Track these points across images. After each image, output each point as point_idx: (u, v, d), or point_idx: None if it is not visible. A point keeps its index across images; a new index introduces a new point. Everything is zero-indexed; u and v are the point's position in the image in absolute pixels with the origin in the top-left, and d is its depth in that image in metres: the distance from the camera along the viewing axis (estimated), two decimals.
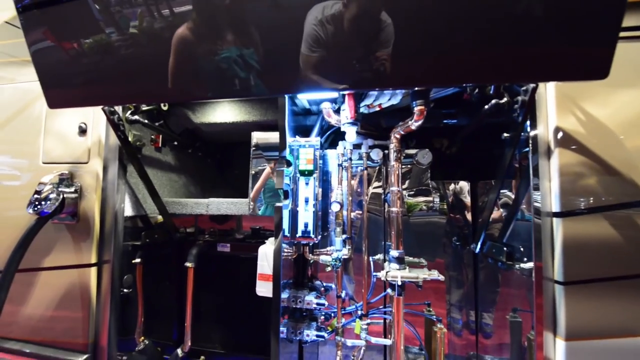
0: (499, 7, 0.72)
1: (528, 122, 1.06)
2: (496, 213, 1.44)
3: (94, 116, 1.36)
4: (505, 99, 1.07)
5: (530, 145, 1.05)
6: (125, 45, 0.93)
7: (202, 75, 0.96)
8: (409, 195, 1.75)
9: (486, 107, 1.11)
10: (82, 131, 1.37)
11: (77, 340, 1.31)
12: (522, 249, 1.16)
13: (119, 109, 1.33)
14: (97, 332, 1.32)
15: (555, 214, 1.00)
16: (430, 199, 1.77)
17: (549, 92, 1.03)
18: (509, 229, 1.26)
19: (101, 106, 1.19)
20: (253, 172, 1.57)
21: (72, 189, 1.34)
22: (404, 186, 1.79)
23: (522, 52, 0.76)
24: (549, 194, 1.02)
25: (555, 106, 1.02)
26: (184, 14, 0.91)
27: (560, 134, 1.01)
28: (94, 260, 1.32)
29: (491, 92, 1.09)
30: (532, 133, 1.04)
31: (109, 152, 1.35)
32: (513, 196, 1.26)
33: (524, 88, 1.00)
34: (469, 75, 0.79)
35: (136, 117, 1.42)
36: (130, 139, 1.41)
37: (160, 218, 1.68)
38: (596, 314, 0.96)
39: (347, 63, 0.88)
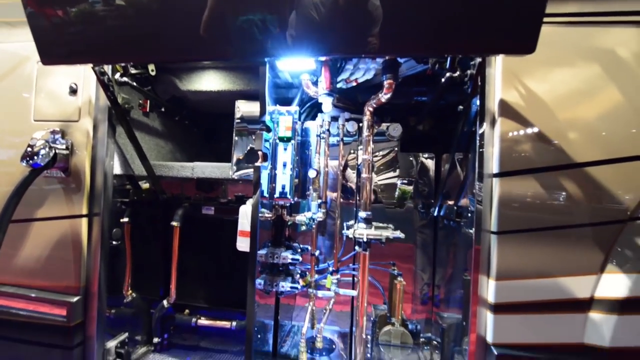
0: None
1: (478, 95, 1.21)
2: (456, 180, 1.61)
3: (85, 77, 1.44)
4: (457, 73, 1.21)
5: (479, 115, 1.20)
6: (116, 4, 1.01)
7: (188, 35, 1.06)
8: (401, 183, 1.91)
9: (442, 80, 1.25)
10: (73, 91, 1.45)
11: (70, 283, 1.42)
12: (469, 208, 1.33)
13: (108, 70, 1.41)
14: (88, 277, 1.44)
15: (495, 175, 1.16)
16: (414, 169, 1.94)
17: (497, 69, 1.18)
18: (462, 193, 1.43)
19: (92, 65, 1.27)
20: (236, 139, 1.68)
21: (64, 145, 1.43)
22: (395, 174, 1.95)
23: (462, 28, 0.89)
24: (491, 157, 1.18)
25: (501, 81, 1.17)
26: None
27: (504, 106, 1.16)
28: (84, 211, 1.42)
29: (447, 67, 1.22)
30: (480, 104, 1.19)
31: (99, 112, 1.44)
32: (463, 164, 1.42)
33: (472, 62, 1.14)
34: (419, 47, 0.93)
35: (125, 79, 1.50)
36: (119, 100, 1.49)
37: (147, 185, 1.79)
38: (521, 259, 1.14)
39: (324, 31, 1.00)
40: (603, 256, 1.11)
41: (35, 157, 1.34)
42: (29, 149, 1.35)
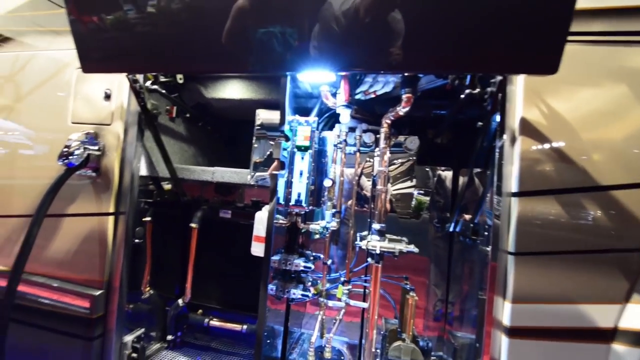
0: (463, 7, 0.86)
1: (499, 112, 1.19)
2: (474, 196, 1.58)
3: (118, 84, 1.54)
4: (477, 90, 1.20)
5: (499, 132, 1.18)
6: (153, 17, 1.09)
7: (216, 49, 1.12)
8: (418, 194, 1.91)
9: (462, 96, 1.24)
10: (107, 96, 1.55)
11: (94, 277, 1.50)
12: (486, 227, 1.31)
13: (140, 78, 1.50)
14: (111, 272, 1.52)
15: (514, 194, 1.14)
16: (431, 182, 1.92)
17: (518, 87, 1.16)
18: (480, 209, 1.40)
19: (126, 74, 1.36)
20: (256, 146, 1.74)
21: (96, 147, 1.52)
22: (412, 184, 1.94)
23: (484, 46, 0.90)
24: (511, 176, 1.16)
25: (522, 99, 1.15)
26: None
27: (525, 124, 1.14)
28: (112, 210, 1.51)
29: (467, 83, 1.22)
30: (500, 122, 1.17)
31: (129, 117, 1.53)
32: (482, 180, 1.40)
33: (493, 80, 1.13)
34: (439, 65, 0.94)
35: (155, 86, 1.59)
36: (148, 106, 1.58)
37: (168, 187, 1.87)
38: (540, 282, 1.11)
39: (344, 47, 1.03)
40: (628, 285, 1.06)
41: (71, 157, 1.44)
42: (65, 149, 1.45)
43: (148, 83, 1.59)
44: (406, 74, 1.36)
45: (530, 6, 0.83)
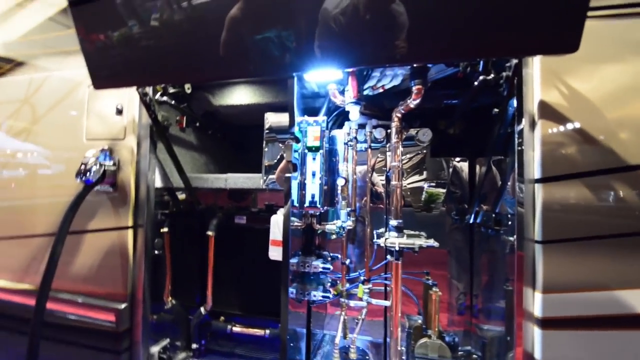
0: None
1: (516, 96, 1.15)
2: (493, 185, 1.53)
3: (129, 98, 1.56)
4: (491, 76, 1.17)
5: (517, 117, 1.14)
6: (157, 31, 1.09)
7: (221, 56, 1.12)
8: (428, 186, 1.87)
9: (475, 83, 1.20)
10: (119, 111, 1.57)
11: (118, 291, 1.53)
12: (509, 216, 1.26)
13: (150, 91, 1.52)
14: (134, 285, 1.54)
15: (537, 180, 1.10)
16: (445, 190, 1.88)
17: (535, 68, 1.12)
18: (500, 198, 1.36)
19: (136, 87, 1.37)
20: (266, 150, 1.73)
21: (112, 162, 1.55)
22: (421, 177, 1.90)
23: (499, 29, 0.86)
24: (532, 162, 1.12)
25: (540, 81, 1.11)
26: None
27: (544, 107, 1.10)
28: (130, 223, 1.53)
29: (480, 69, 1.18)
30: (518, 106, 1.13)
31: (142, 130, 1.55)
32: (503, 168, 1.36)
33: (508, 64, 1.09)
34: (450, 53, 0.91)
35: (164, 98, 1.61)
36: (159, 118, 1.60)
37: (183, 196, 1.89)
38: (571, 269, 1.06)
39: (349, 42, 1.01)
40: None
41: (88, 174, 1.47)
42: (82, 166, 1.48)
43: (157, 95, 1.60)
44: (415, 65, 1.34)
45: None
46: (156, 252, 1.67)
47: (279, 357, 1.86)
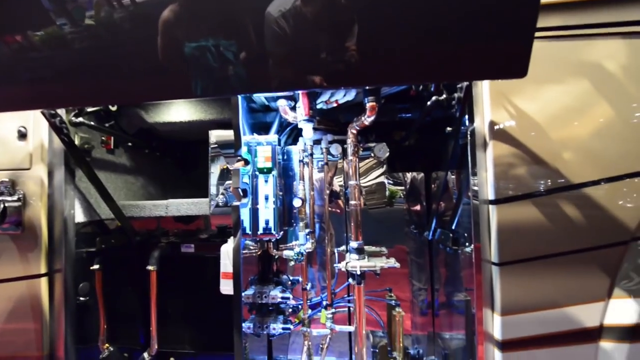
0: (423, 11, 0.76)
1: (467, 117, 1.13)
2: (448, 202, 1.53)
3: (34, 119, 1.29)
4: (444, 96, 1.14)
5: (469, 138, 1.13)
6: (58, 41, 0.88)
7: (146, 75, 0.94)
8: (389, 183, 1.82)
9: (428, 103, 1.17)
10: (22, 135, 1.29)
11: (30, 353, 1.26)
12: (465, 235, 1.25)
13: (61, 111, 1.27)
14: (52, 343, 1.28)
15: (491, 202, 1.09)
16: (402, 188, 1.85)
17: (484, 89, 1.11)
18: (456, 216, 1.35)
19: (40, 110, 1.12)
20: (212, 171, 1.56)
21: (15, 197, 1.27)
22: (382, 171, 1.85)
23: (448, 55, 0.81)
24: (485, 183, 1.10)
25: (489, 102, 1.10)
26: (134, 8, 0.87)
27: (494, 127, 1.09)
28: (43, 270, 1.27)
29: (432, 89, 1.15)
30: (469, 127, 1.11)
31: (53, 157, 1.28)
32: (458, 185, 1.35)
33: (459, 85, 1.07)
34: (400, 77, 0.84)
35: (80, 119, 1.35)
36: (76, 142, 1.35)
37: (118, 222, 1.63)
38: (527, 290, 1.07)
39: (297, 64, 0.90)
40: (609, 281, 1.05)
41: None
42: None
43: (71, 116, 1.35)
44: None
45: (494, 11, 0.76)
46: (82, 298, 1.41)
47: None
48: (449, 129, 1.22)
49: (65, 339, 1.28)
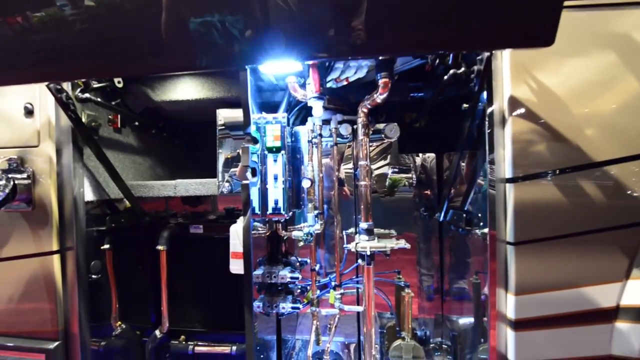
0: None
1: (485, 92, 1.09)
2: (460, 182, 1.50)
3: (41, 95, 1.26)
4: (462, 69, 1.09)
5: (487, 115, 1.08)
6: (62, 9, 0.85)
7: (153, 45, 0.90)
8: (392, 172, 1.80)
9: (445, 77, 1.12)
10: (29, 112, 1.27)
11: (46, 328, 1.28)
12: (479, 215, 1.23)
13: (67, 86, 1.24)
14: (67, 319, 1.30)
15: (508, 180, 1.06)
16: (410, 175, 1.82)
17: (504, 62, 1.05)
18: (469, 197, 1.33)
19: (46, 83, 1.10)
20: (221, 151, 1.54)
21: (24, 175, 1.26)
22: (385, 162, 1.82)
23: (472, 21, 0.76)
24: (503, 161, 1.07)
25: (510, 76, 1.05)
26: None
27: (513, 103, 1.05)
28: (55, 247, 1.27)
29: (450, 62, 1.10)
30: (488, 102, 1.07)
31: (61, 134, 1.27)
32: (472, 165, 1.32)
33: (479, 57, 1.02)
34: (420, 45, 0.79)
35: (87, 95, 1.33)
36: (83, 119, 1.33)
37: (127, 203, 1.63)
38: (542, 269, 1.05)
39: (308, 32, 0.86)
40: (628, 261, 1.03)
41: None
42: None
43: (77, 91, 1.32)
44: (381, 58, 1.22)
45: None
46: (94, 276, 1.43)
47: None
48: (465, 105, 1.17)
49: (79, 315, 1.30)
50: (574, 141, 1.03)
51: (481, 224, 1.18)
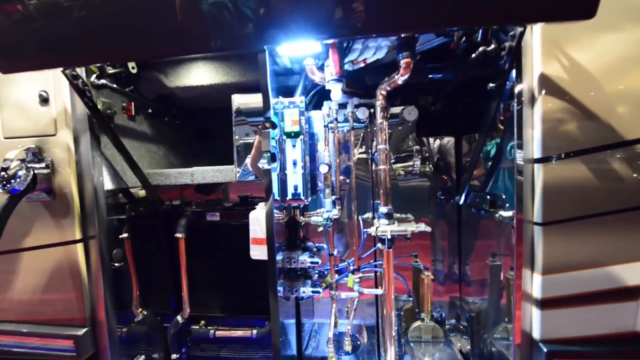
0: None
1: (514, 71, 1.06)
2: (479, 165, 1.49)
3: (55, 82, 1.24)
4: (492, 46, 1.05)
5: (516, 93, 1.06)
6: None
7: (171, 25, 0.88)
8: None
9: (473, 55, 1.09)
10: (44, 100, 1.25)
11: (73, 315, 1.30)
12: (504, 197, 1.22)
13: (82, 72, 1.21)
14: (93, 306, 1.32)
15: (537, 160, 1.04)
16: (409, 163, 1.80)
17: (534, 38, 1.02)
18: (491, 178, 1.31)
19: (61, 69, 1.07)
20: (237, 138, 1.52)
21: (43, 164, 1.25)
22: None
23: None
24: (531, 141, 1.05)
25: (540, 52, 1.02)
26: None
27: (544, 81, 1.02)
28: (78, 236, 1.28)
29: (478, 39, 1.06)
30: (517, 81, 1.04)
31: (77, 122, 1.25)
32: (496, 147, 1.30)
33: (511, 33, 0.98)
34: (457, 19, 0.76)
35: (103, 81, 1.30)
36: (99, 106, 1.30)
37: (143, 192, 1.63)
38: (570, 249, 1.05)
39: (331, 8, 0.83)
40: None
41: (13, 182, 1.17)
42: (3, 172, 1.18)
43: (93, 77, 1.29)
44: (403, 36, 1.18)
45: None
46: (116, 264, 1.44)
47: (268, 356, 1.78)
48: (491, 84, 1.14)
49: (105, 302, 1.32)
50: (606, 119, 1.01)
51: (507, 205, 1.18)
